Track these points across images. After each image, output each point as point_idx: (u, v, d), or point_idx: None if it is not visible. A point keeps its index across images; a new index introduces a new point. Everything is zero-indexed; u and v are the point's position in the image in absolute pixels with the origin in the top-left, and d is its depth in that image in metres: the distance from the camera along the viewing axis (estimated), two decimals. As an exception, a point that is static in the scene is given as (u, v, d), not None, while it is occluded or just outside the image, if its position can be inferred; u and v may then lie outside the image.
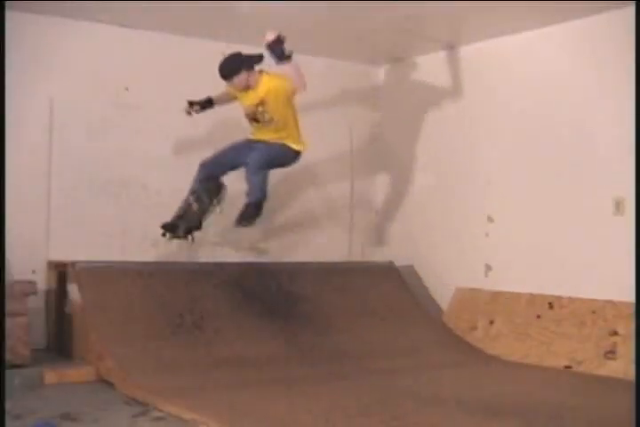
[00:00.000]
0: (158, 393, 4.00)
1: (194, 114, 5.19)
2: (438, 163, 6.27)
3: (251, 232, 6.08)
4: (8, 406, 3.56)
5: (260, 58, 4.95)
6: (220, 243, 5.91)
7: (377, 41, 6.00)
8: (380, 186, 6.78)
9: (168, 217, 5.59)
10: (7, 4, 4.33)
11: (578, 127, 5.30)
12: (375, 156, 6.79)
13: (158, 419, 3.69)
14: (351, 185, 6.66)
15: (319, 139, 6.46)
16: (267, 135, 5.09)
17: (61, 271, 5.11)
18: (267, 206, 6.17)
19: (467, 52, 6.01)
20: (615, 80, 5.03)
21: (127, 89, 5.61)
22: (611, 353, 4.82)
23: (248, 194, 5.08)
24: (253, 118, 5.08)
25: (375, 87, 6.80)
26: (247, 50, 6.01)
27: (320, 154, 6.47)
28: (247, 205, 5.07)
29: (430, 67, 6.33)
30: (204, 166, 5.16)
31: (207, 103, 5.20)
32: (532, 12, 5.12)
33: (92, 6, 5.08)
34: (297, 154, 5.18)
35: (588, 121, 5.24)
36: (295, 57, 6.32)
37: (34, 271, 5.18)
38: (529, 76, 5.61)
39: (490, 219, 5.87)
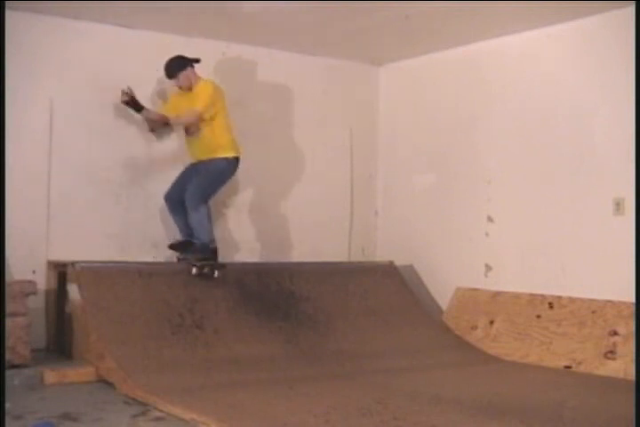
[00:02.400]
0: (158, 393, 4.00)
1: (122, 102, 5.32)
2: (438, 163, 6.27)
3: (251, 232, 6.10)
4: (8, 406, 3.57)
5: (197, 60, 5.39)
6: (220, 243, 5.91)
7: (377, 41, 6.00)
8: (380, 186, 6.78)
9: (167, 217, 5.61)
10: (7, 3, 4.33)
11: (578, 127, 5.30)
12: (375, 156, 6.79)
13: (158, 419, 3.69)
14: (351, 185, 6.66)
15: (319, 139, 6.49)
16: (199, 151, 5.41)
17: (61, 271, 5.11)
18: (267, 206, 6.21)
19: (467, 52, 6.01)
20: (615, 80, 5.03)
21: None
22: (611, 353, 4.82)
23: (191, 234, 5.35)
24: (185, 129, 5.45)
25: (375, 87, 6.80)
26: (248, 50, 6.08)
27: (320, 154, 6.48)
28: (188, 242, 5.34)
29: (430, 67, 6.33)
30: (167, 199, 5.50)
31: (136, 103, 5.34)
32: (533, 12, 5.12)
33: (92, 6, 5.08)
34: (234, 161, 5.40)
35: (587, 121, 5.24)
36: (295, 57, 6.39)
37: (34, 271, 5.17)
38: (529, 76, 5.61)
39: (490, 219, 5.87)
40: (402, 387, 4.36)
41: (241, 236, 6.04)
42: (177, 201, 5.41)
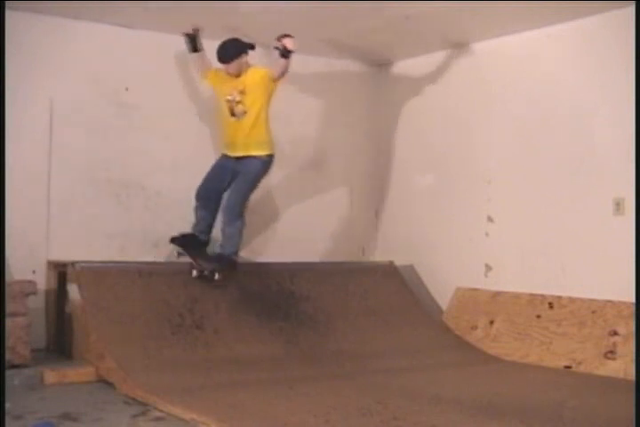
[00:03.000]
0: (158, 393, 3.99)
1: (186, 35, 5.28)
2: (438, 163, 6.27)
3: (251, 232, 6.10)
4: (8, 406, 3.57)
5: (253, 46, 5.22)
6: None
7: (376, 41, 6.00)
8: (379, 186, 6.78)
9: (168, 217, 5.61)
10: (7, 3, 4.33)
11: (578, 127, 5.30)
12: (375, 156, 6.79)
13: (158, 419, 3.69)
14: (351, 185, 6.66)
15: (319, 139, 6.49)
16: (240, 141, 5.19)
17: (61, 271, 5.11)
18: (267, 207, 6.21)
19: (467, 52, 6.01)
20: (615, 80, 5.03)
21: (127, 89, 5.60)
22: (611, 353, 4.82)
23: (221, 244, 5.28)
24: (230, 109, 5.19)
25: (375, 87, 6.80)
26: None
27: (320, 154, 6.48)
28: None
29: (430, 67, 6.32)
30: (199, 197, 5.28)
31: (194, 45, 5.30)
32: (533, 12, 5.12)
33: (92, 6, 5.08)
34: (270, 159, 5.27)
35: (588, 121, 5.24)
36: (295, 57, 6.37)
37: (34, 271, 5.17)
38: (529, 76, 5.61)
39: (490, 219, 5.86)
40: (402, 387, 4.36)
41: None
42: (210, 199, 5.25)
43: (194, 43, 5.30)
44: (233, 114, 5.20)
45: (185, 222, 5.56)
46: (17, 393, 4.09)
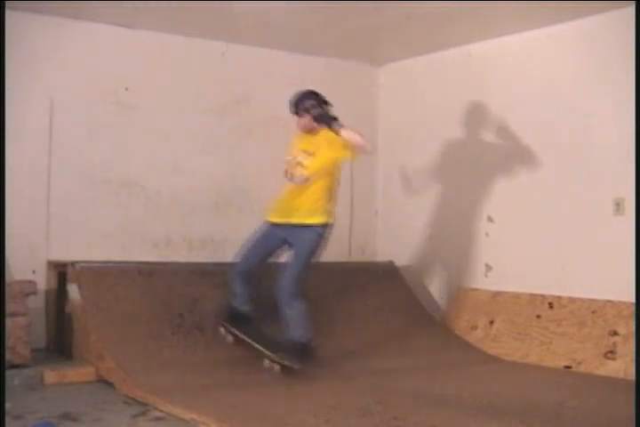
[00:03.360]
0: (158, 393, 4.00)
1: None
2: (438, 163, 6.27)
3: (252, 232, 6.10)
4: (8, 406, 3.57)
5: (327, 102, 4.69)
6: (220, 243, 5.91)
7: (377, 41, 6.00)
8: (380, 186, 6.78)
9: (168, 217, 5.60)
10: (7, 3, 4.32)
11: (578, 127, 5.30)
12: (375, 156, 6.78)
13: (158, 419, 3.69)
14: (351, 185, 6.66)
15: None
16: (296, 208, 4.58)
17: (61, 271, 5.11)
18: (266, 207, 6.20)
19: (467, 51, 6.01)
20: (615, 80, 5.03)
21: (127, 89, 5.60)
22: (611, 353, 4.82)
23: (287, 330, 4.52)
24: (286, 170, 4.63)
25: (375, 87, 6.80)
26: (248, 50, 6.07)
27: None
28: (291, 343, 4.49)
29: (430, 67, 6.33)
30: (239, 272, 4.73)
31: (330, 121, 4.60)
32: (533, 12, 5.12)
33: (92, 6, 5.08)
34: (329, 228, 4.65)
35: (588, 121, 5.24)
36: (295, 57, 6.32)
37: (34, 271, 5.17)
38: (529, 76, 5.61)
39: (490, 219, 5.87)
40: (402, 387, 4.36)
41: (241, 236, 6.01)
42: (249, 275, 4.74)
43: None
44: (286, 174, 4.65)
45: (185, 222, 5.57)
46: (17, 393, 4.09)
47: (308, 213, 4.56)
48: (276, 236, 4.67)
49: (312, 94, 4.65)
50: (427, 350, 5.34)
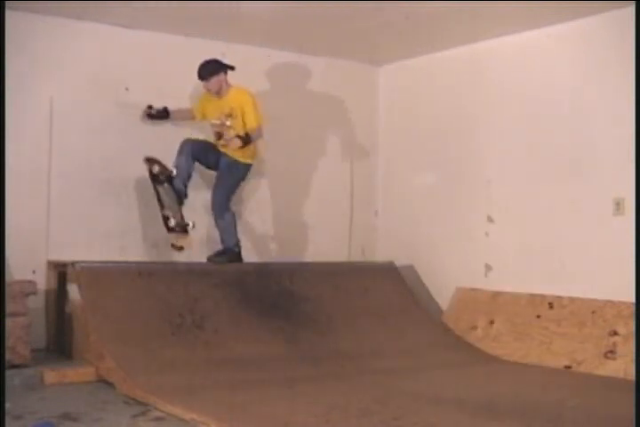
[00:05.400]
0: (158, 393, 3.99)
1: (146, 117, 5.58)
2: (438, 163, 6.27)
3: (251, 232, 6.10)
4: (8, 406, 3.57)
5: (232, 67, 5.38)
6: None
7: (377, 41, 6.00)
8: (380, 186, 6.78)
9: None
10: (7, 3, 4.32)
11: (578, 127, 5.30)
12: (375, 156, 6.80)
13: (158, 419, 3.69)
14: (351, 185, 6.66)
15: (319, 138, 6.49)
16: (227, 150, 5.49)
17: (61, 271, 5.11)
18: (267, 207, 6.21)
19: (467, 52, 6.01)
20: (615, 80, 5.03)
21: (127, 89, 5.60)
22: (611, 353, 4.82)
23: (221, 240, 5.56)
24: (218, 133, 5.49)
25: (375, 87, 6.80)
26: (248, 50, 6.08)
27: (320, 153, 6.48)
28: (224, 250, 5.53)
29: (430, 67, 6.33)
30: (188, 147, 5.47)
31: (162, 112, 5.59)
32: (533, 12, 5.12)
33: (92, 6, 5.08)
34: (249, 166, 5.59)
35: (588, 121, 5.24)
36: (295, 57, 6.37)
37: (34, 271, 5.18)
38: (529, 76, 5.61)
39: (490, 219, 5.87)
40: (402, 387, 4.36)
41: (241, 236, 6.03)
42: (193, 154, 5.47)
43: (161, 115, 5.57)
44: (220, 136, 5.50)
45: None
46: (17, 393, 4.09)
47: (237, 153, 5.46)
48: (216, 154, 5.54)
49: (217, 61, 5.38)
50: (427, 351, 5.34)
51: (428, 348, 5.40)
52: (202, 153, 5.52)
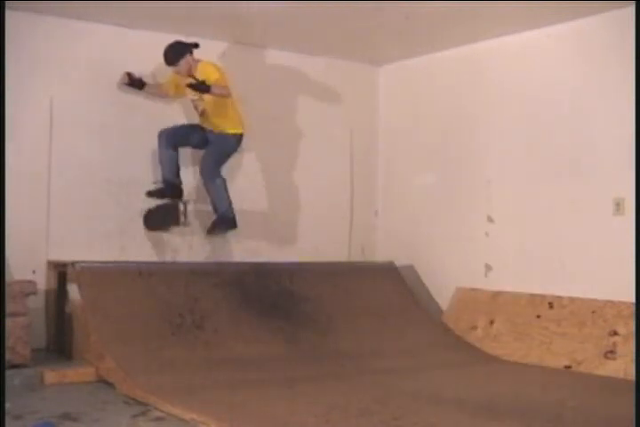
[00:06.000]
0: (158, 393, 3.99)
1: (124, 83, 5.52)
2: (438, 163, 6.27)
3: (251, 232, 6.10)
4: (8, 406, 3.57)
5: (196, 45, 5.38)
6: (220, 243, 5.91)
7: (377, 41, 6.00)
8: (380, 186, 6.78)
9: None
10: (7, 3, 4.33)
11: (578, 127, 5.30)
12: (375, 156, 6.80)
13: (158, 419, 3.69)
14: (351, 185, 6.66)
15: (319, 139, 6.49)
16: (212, 124, 5.54)
17: (61, 271, 5.11)
18: (267, 206, 6.21)
19: (467, 52, 6.01)
20: (615, 80, 5.03)
21: (126, 89, 5.60)
22: (611, 353, 4.82)
23: (214, 208, 5.57)
24: (195, 108, 5.53)
25: (375, 87, 6.80)
26: (248, 50, 6.08)
27: (320, 154, 6.48)
28: (218, 218, 5.55)
29: (430, 67, 6.33)
30: (162, 134, 5.52)
31: (138, 82, 5.53)
32: (533, 12, 5.12)
33: (92, 6, 5.08)
34: (239, 136, 5.56)
35: (588, 121, 5.24)
36: (295, 57, 6.36)
37: (34, 271, 5.18)
38: (529, 76, 5.61)
39: (490, 219, 5.87)
40: (402, 387, 4.36)
41: (241, 235, 6.04)
42: (174, 141, 5.50)
43: (137, 85, 5.53)
44: (202, 115, 5.54)
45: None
46: (17, 393, 4.09)
47: (223, 125, 5.53)
48: (202, 132, 5.59)
49: (179, 42, 5.38)
50: (427, 351, 5.34)
51: (428, 348, 5.40)
52: (182, 137, 5.53)
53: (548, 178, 5.47)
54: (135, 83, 5.51)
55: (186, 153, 5.71)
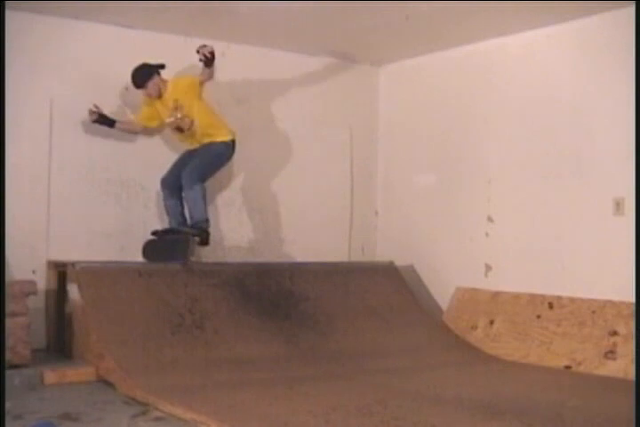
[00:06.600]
0: (158, 393, 3.99)
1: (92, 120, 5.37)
2: (438, 163, 6.27)
3: (251, 232, 6.10)
4: (8, 406, 3.57)
5: (162, 66, 5.35)
6: (220, 243, 5.91)
7: (377, 41, 6.00)
8: (380, 186, 6.78)
9: (167, 217, 5.60)
10: (7, 3, 4.33)
11: (578, 127, 5.30)
12: (375, 156, 6.80)
13: (158, 419, 3.69)
14: (351, 185, 6.66)
15: (319, 139, 6.49)
16: (196, 140, 5.46)
17: (61, 271, 5.11)
18: (267, 206, 6.21)
19: (467, 52, 6.01)
20: (615, 80, 5.03)
21: (127, 89, 5.60)
22: (611, 353, 4.82)
23: (190, 214, 5.41)
24: (178, 128, 5.43)
25: (375, 87, 6.80)
26: (248, 50, 6.08)
27: (320, 154, 6.48)
28: (192, 224, 5.38)
29: (430, 67, 6.33)
30: (163, 184, 5.49)
31: (108, 121, 5.40)
32: (533, 12, 5.12)
33: (92, 6, 5.08)
34: (230, 143, 5.46)
35: (588, 121, 5.24)
36: (295, 57, 6.36)
37: (34, 271, 5.17)
38: (529, 76, 5.61)
39: (490, 219, 5.87)
40: (402, 387, 4.36)
41: (241, 235, 6.04)
42: (174, 187, 5.43)
43: (105, 120, 5.37)
44: (182, 130, 5.43)
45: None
46: (17, 393, 4.09)
47: (209, 136, 5.43)
48: (190, 154, 5.50)
49: (145, 65, 5.33)
50: (427, 350, 5.35)
51: (427, 348, 5.40)
52: (177, 175, 5.41)
53: (548, 178, 5.47)
54: (103, 120, 5.35)
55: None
